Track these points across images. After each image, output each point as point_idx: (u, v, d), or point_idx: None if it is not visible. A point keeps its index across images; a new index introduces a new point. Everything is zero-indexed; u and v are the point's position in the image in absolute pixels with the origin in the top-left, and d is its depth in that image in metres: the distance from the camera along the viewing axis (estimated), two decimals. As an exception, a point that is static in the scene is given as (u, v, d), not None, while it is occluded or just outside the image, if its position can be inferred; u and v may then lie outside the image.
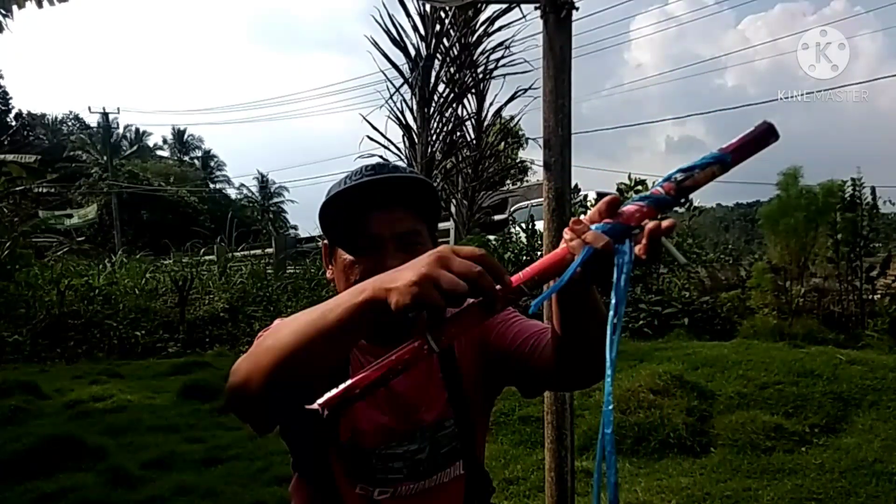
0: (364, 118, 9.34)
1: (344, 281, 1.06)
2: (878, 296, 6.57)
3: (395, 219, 1.03)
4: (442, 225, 11.35)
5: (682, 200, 0.72)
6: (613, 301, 0.68)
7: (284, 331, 0.80)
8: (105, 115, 31.02)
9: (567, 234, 0.74)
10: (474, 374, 1.13)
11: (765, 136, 0.72)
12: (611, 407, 0.63)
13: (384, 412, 1.07)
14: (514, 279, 0.73)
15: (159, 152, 43.01)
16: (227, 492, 3.77)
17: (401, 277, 0.69)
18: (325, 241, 1.12)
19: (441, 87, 9.48)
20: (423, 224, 1.08)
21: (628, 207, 0.72)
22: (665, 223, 0.71)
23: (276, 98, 77.54)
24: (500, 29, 9.47)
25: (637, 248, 0.71)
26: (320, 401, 0.70)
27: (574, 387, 1.12)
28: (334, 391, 0.71)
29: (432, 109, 9.34)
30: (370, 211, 1.03)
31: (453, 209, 10.77)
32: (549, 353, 1.04)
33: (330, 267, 1.12)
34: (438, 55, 9.28)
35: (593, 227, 0.72)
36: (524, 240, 8.65)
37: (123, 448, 4.63)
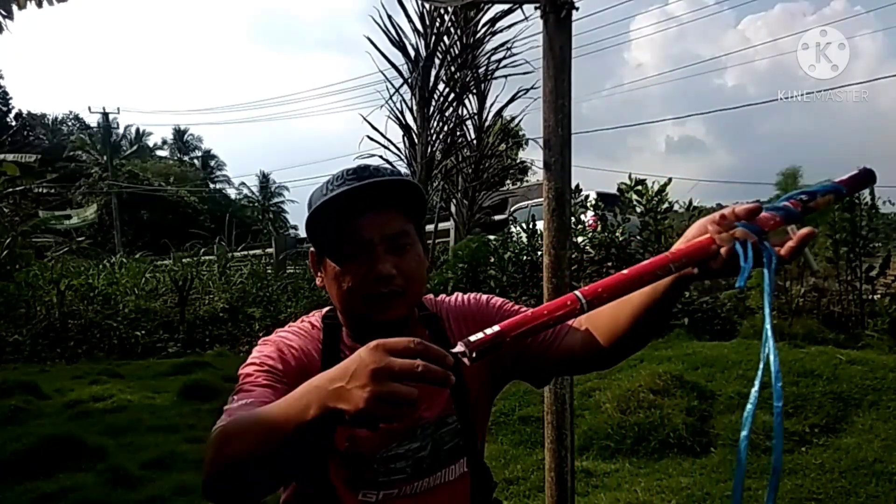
0: (364, 118, 9.34)
1: (336, 288, 1.05)
2: (878, 296, 6.57)
3: (383, 221, 1.03)
4: (442, 225, 11.36)
5: (804, 218, 0.82)
6: (767, 290, 0.75)
7: (239, 445, 0.81)
8: (105, 115, 31.04)
9: (712, 226, 0.81)
10: (478, 371, 1.12)
11: (868, 177, 0.86)
12: (780, 384, 0.73)
13: None
14: (661, 258, 0.82)
15: (159, 152, 43.06)
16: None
17: (351, 397, 0.71)
18: (312, 249, 1.12)
19: (441, 87, 9.48)
20: (411, 223, 1.08)
21: (763, 215, 0.81)
22: (813, 231, 0.79)
23: (276, 98, 77.63)
24: (501, 30, 9.48)
25: (779, 249, 0.79)
26: (468, 342, 0.74)
27: (596, 369, 1.14)
28: (482, 335, 0.74)
29: (432, 109, 9.33)
30: (357, 215, 1.03)
31: (453, 209, 10.76)
32: (573, 340, 1.05)
33: (319, 274, 1.12)
34: (438, 54, 9.28)
35: (738, 224, 0.79)
36: (525, 240, 8.64)
37: (123, 448, 4.64)
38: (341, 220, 1.03)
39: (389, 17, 9.29)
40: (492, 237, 9.26)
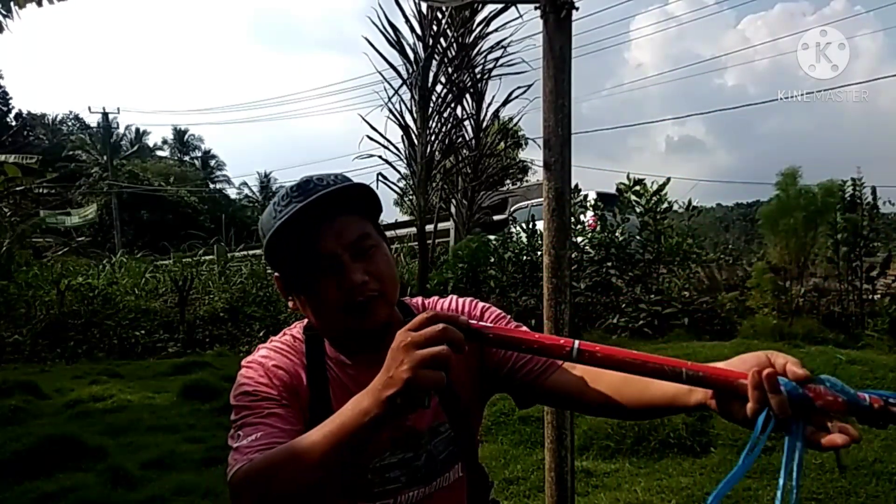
0: (363, 118, 9.34)
1: (313, 310, 1.04)
2: (878, 296, 6.58)
3: (341, 229, 1.01)
4: (442, 225, 11.35)
5: (879, 422, 0.69)
6: (781, 482, 0.68)
7: (290, 476, 0.84)
8: (105, 115, 31.02)
9: (754, 376, 0.72)
10: (467, 378, 1.12)
11: None
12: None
13: None
14: (678, 362, 0.76)
15: (159, 152, 43.03)
16: (227, 492, 3.77)
17: (396, 378, 0.77)
18: (277, 275, 1.09)
19: (439, 88, 9.48)
20: (368, 222, 1.06)
21: (823, 389, 0.70)
22: (854, 436, 0.69)
23: (276, 98, 77.55)
24: (497, 29, 9.48)
25: (812, 432, 0.70)
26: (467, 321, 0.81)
27: (580, 413, 1.13)
28: (472, 322, 0.82)
29: (431, 109, 9.33)
30: (313, 231, 1.00)
31: (453, 209, 10.76)
32: (566, 379, 1.04)
33: (290, 298, 1.09)
34: (436, 55, 9.28)
35: (782, 382, 0.70)
36: (524, 240, 8.65)
37: (123, 448, 4.63)
38: (299, 241, 1.00)
39: (387, 17, 9.30)
40: (492, 237, 9.27)
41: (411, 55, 9.23)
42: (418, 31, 9.20)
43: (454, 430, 1.10)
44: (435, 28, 9.11)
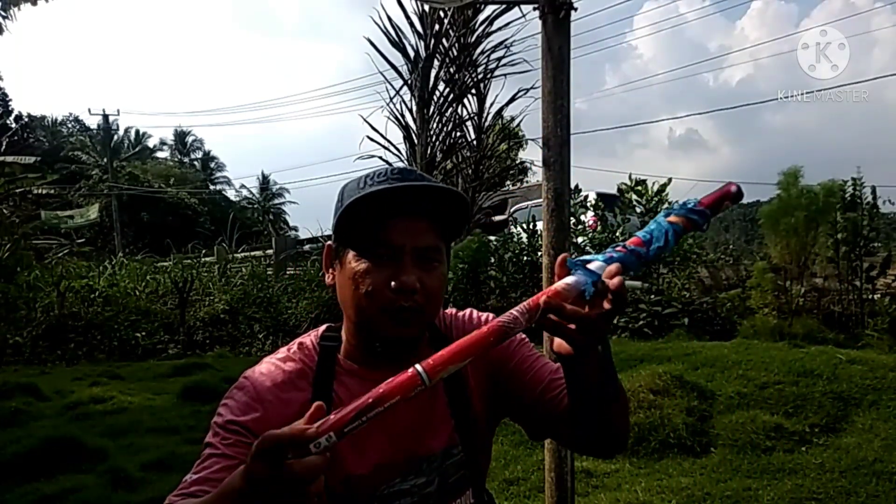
0: (364, 119, 9.37)
1: (352, 289, 0.96)
2: (878, 295, 6.57)
3: (418, 230, 0.96)
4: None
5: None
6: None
7: None
8: (105, 116, 31.02)
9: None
10: (482, 402, 1.07)
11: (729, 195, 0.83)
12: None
13: (382, 449, 0.99)
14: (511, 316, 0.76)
15: (159, 154, 43.01)
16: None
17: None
18: (330, 243, 1.02)
19: (441, 87, 9.50)
20: (443, 242, 1.01)
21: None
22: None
23: (277, 99, 77.69)
24: (499, 29, 9.49)
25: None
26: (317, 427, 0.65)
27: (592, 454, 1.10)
28: (333, 417, 0.66)
29: (432, 110, 9.35)
30: (392, 217, 0.95)
31: (453, 210, 10.76)
32: (565, 407, 0.99)
33: (331, 271, 1.03)
34: (437, 55, 9.29)
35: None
36: (524, 240, 8.66)
37: (124, 449, 4.63)
38: (375, 218, 0.95)
39: (389, 18, 9.33)
40: (492, 238, 9.27)
41: (412, 55, 9.25)
42: (420, 31, 9.22)
43: (466, 453, 1.05)
44: (437, 28, 9.13)
